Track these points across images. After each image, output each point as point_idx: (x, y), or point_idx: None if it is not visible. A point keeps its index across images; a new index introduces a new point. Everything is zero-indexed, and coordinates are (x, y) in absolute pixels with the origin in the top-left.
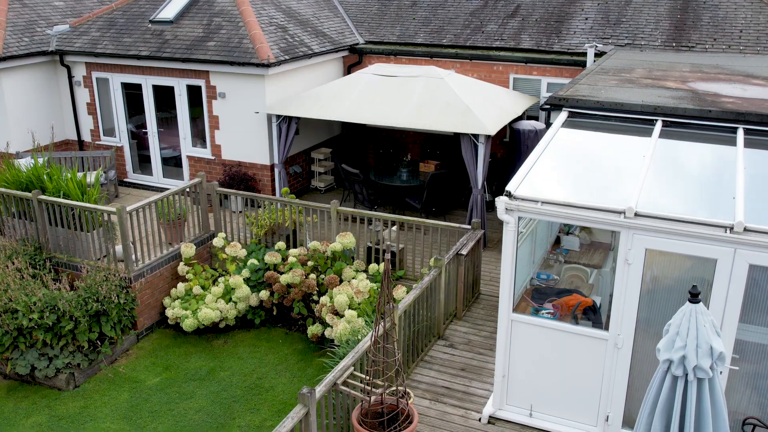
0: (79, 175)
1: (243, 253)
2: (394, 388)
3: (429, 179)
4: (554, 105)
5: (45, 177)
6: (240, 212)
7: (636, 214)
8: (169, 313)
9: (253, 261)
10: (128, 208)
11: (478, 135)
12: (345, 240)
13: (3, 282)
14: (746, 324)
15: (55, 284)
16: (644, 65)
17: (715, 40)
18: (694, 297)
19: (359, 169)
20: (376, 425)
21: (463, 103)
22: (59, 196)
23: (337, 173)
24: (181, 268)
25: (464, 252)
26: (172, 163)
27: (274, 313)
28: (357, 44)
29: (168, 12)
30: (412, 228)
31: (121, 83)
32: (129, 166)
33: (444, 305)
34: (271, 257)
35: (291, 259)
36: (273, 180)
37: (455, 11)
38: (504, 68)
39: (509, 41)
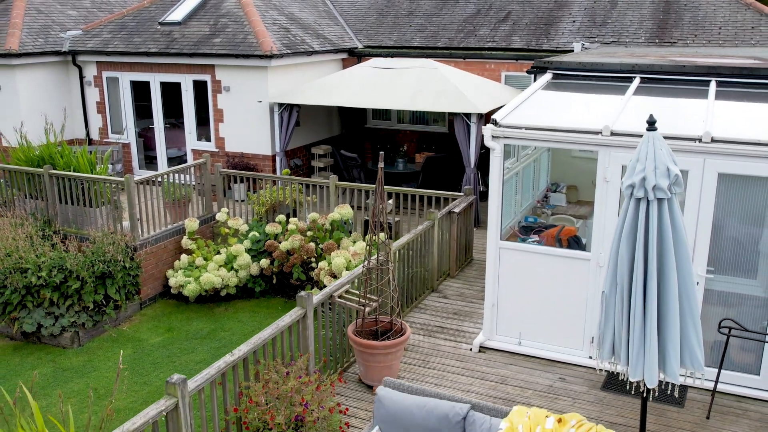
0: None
1: (245, 228)
2: (385, 306)
3: (425, 162)
4: (539, 68)
5: (56, 154)
6: (242, 201)
7: (612, 133)
8: (172, 281)
9: (254, 233)
10: (135, 178)
11: (470, 115)
12: (343, 211)
13: (13, 243)
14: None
15: (63, 245)
16: (627, 51)
17: (696, 37)
18: (651, 125)
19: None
20: (370, 337)
21: (456, 88)
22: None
23: (337, 169)
24: (185, 241)
25: (457, 210)
26: (177, 162)
27: (274, 281)
28: (356, 48)
29: (177, 15)
30: (407, 209)
31: (130, 81)
32: (135, 162)
33: (438, 261)
34: (272, 227)
35: (291, 227)
36: (274, 170)
37: (450, 18)
38: (496, 66)
39: (501, 43)
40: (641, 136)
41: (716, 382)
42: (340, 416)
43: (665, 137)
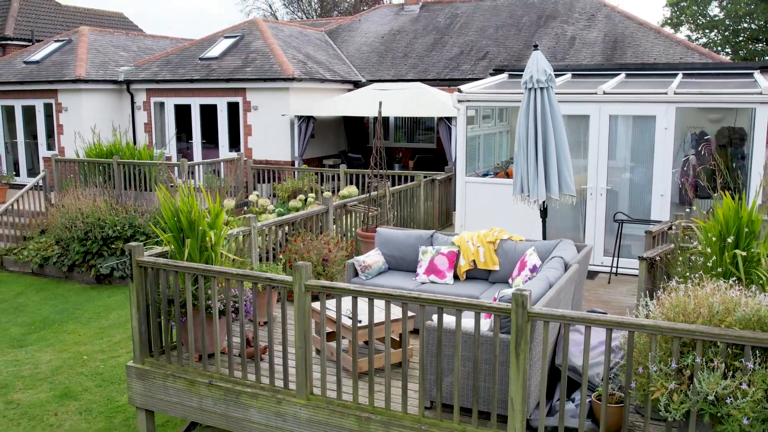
0: None
1: (271, 207)
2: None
3: (416, 160)
4: (498, 70)
5: (123, 148)
6: (268, 197)
7: None
8: None
9: (279, 209)
10: (188, 163)
11: (451, 119)
12: (350, 189)
13: (95, 206)
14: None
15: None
16: None
17: None
18: (536, 47)
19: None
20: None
21: (440, 101)
22: None
23: None
24: (223, 216)
25: (439, 178)
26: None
27: None
28: (359, 81)
29: (214, 52)
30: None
31: (174, 105)
32: (176, 172)
33: (423, 217)
34: (294, 202)
35: (309, 200)
36: (293, 173)
37: (438, 58)
38: None
39: (479, 74)
40: (563, 93)
41: (616, 260)
42: None
43: (577, 93)
